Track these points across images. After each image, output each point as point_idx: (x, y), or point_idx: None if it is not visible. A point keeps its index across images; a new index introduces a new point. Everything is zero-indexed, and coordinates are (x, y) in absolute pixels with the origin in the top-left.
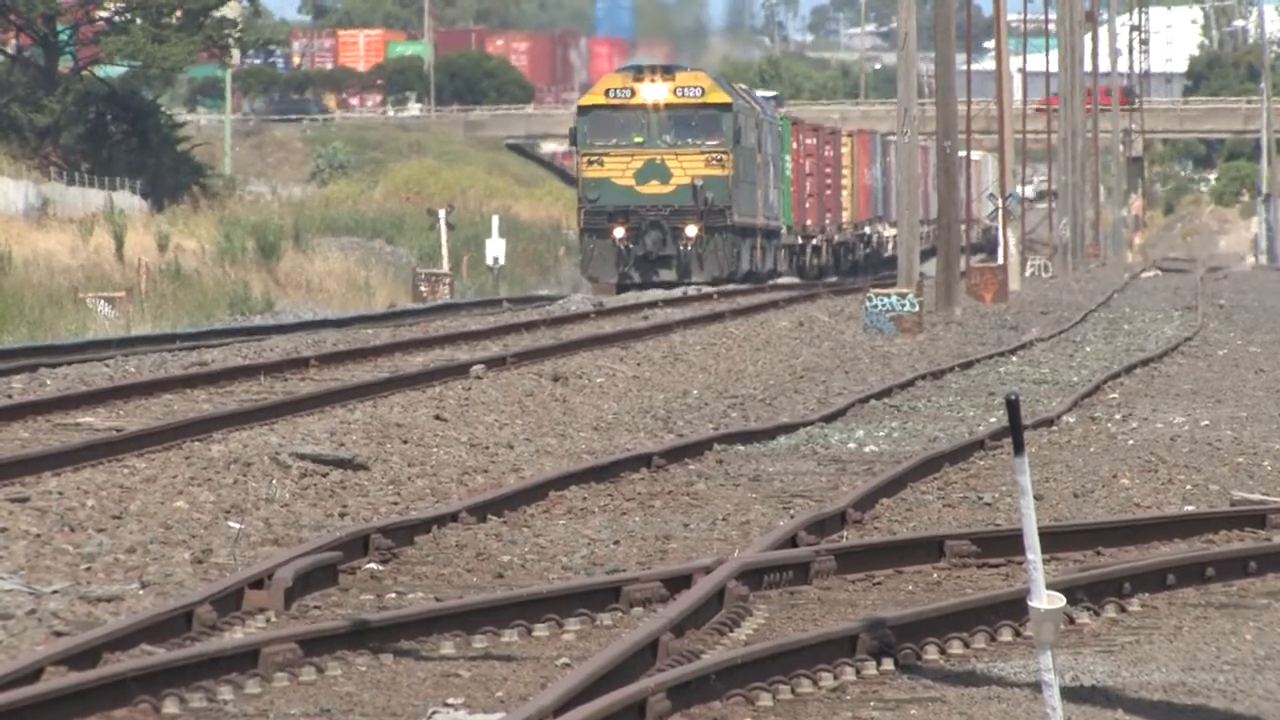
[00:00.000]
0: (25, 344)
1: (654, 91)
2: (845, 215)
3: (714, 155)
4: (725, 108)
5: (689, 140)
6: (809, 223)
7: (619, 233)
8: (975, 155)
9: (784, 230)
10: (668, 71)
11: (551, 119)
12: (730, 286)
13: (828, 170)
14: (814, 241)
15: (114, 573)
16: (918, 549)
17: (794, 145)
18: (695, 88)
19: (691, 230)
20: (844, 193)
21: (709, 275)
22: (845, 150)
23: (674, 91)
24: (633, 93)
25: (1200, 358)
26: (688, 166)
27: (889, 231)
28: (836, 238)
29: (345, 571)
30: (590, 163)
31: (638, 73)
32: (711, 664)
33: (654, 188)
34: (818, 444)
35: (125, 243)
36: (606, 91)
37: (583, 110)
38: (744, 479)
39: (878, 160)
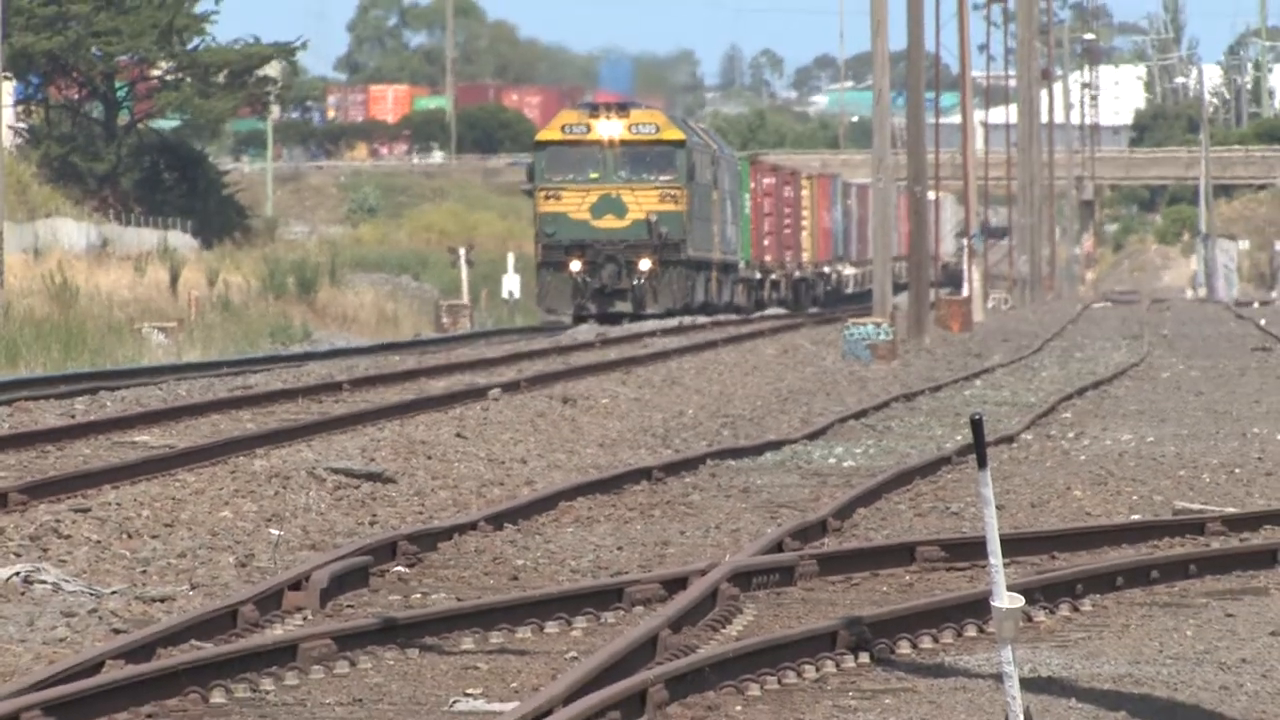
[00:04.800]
0: (87, 369)
1: (609, 128)
2: (805, 255)
3: (668, 190)
4: (679, 144)
5: (644, 175)
6: (768, 259)
7: (575, 266)
8: (934, 195)
9: (742, 265)
10: (623, 109)
11: None
12: (721, 317)
13: (787, 210)
14: (773, 277)
15: (167, 576)
16: (891, 554)
17: (752, 185)
18: (650, 124)
19: (646, 264)
20: (804, 233)
21: (663, 307)
22: (805, 192)
23: (629, 128)
24: (588, 129)
25: (1146, 381)
26: (643, 201)
27: (849, 270)
28: (796, 274)
29: (375, 574)
30: (547, 197)
31: (593, 110)
32: (706, 658)
33: (609, 222)
34: (801, 459)
35: (179, 278)
36: (563, 128)
37: (540, 145)
38: (735, 491)
39: (838, 203)
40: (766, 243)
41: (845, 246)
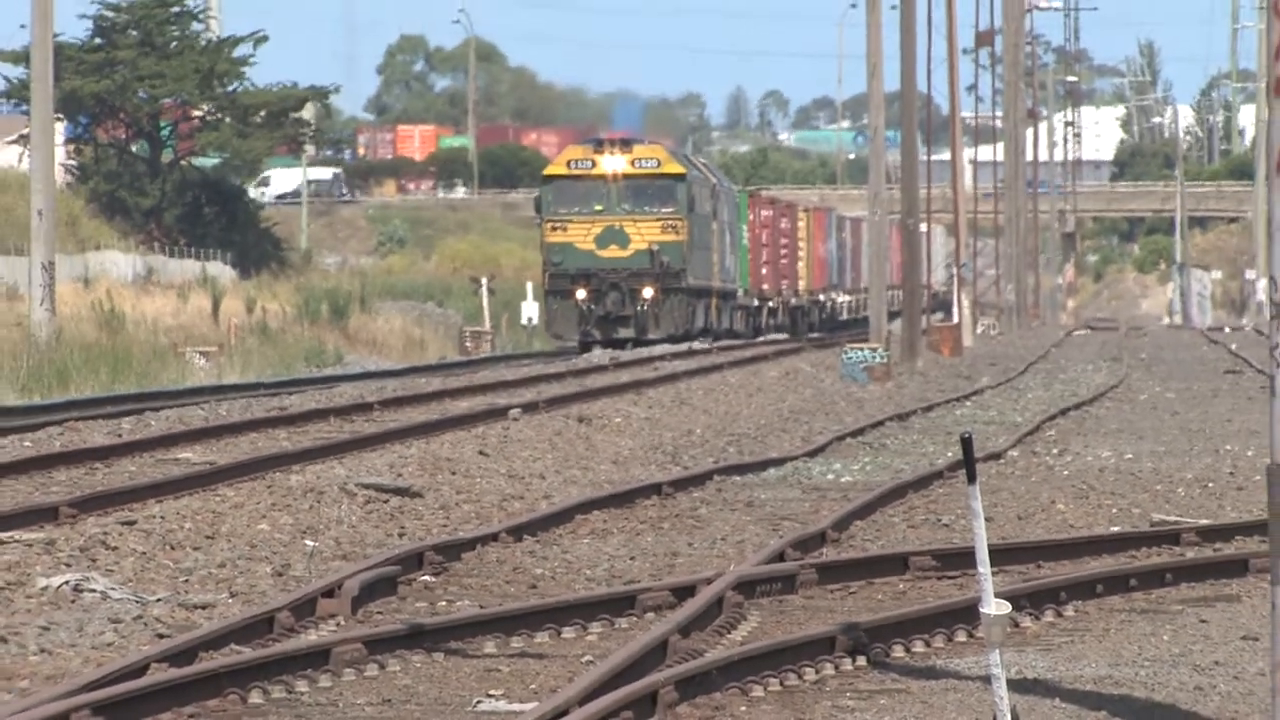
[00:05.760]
0: (133, 391)
1: (613, 162)
2: (801, 283)
3: (669, 222)
4: (679, 178)
5: (646, 208)
6: (765, 287)
7: (581, 294)
8: (925, 228)
9: (740, 293)
10: (626, 144)
11: None
12: (725, 342)
13: (784, 241)
14: (770, 304)
15: (207, 584)
16: (886, 563)
17: (751, 216)
18: (651, 159)
19: (648, 292)
20: (800, 262)
21: (665, 333)
22: (801, 224)
23: (632, 163)
24: (593, 163)
25: (1124, 402)
26: (645, 232)
27: (843, 298)
28: (793, 302)
29: (403, 583)
30: (554, 229)
31: (598, 145)
32: (713, 661)
33: (613, 252)
34: (802, 475)
35: (219, 305)
36: (569, 162)
37: (547, 179)
38: (740, 505)
39: (833, 235)
40: (764, 271)
41: (840, 276)
